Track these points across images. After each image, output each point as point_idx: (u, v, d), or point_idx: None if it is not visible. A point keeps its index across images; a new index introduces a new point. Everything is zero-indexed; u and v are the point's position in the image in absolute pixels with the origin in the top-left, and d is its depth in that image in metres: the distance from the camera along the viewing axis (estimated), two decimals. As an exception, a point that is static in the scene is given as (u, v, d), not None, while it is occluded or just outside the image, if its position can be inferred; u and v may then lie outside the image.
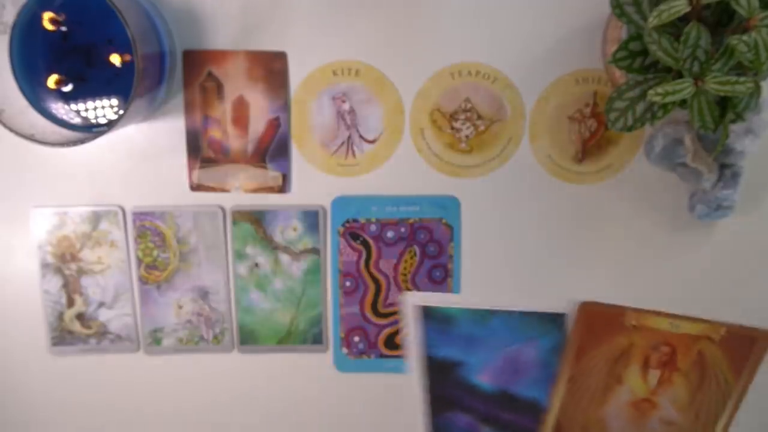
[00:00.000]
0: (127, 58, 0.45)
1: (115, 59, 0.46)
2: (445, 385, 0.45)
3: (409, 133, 0.52)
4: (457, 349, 0.45)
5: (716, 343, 0.44)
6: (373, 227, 0.53)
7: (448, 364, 0.45)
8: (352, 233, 0.53)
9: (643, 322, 0.44)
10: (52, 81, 0.46)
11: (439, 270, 0.54)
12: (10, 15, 0.45)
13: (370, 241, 0.53)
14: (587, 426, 0.46)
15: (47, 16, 0.45)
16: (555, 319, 0.44)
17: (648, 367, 0.44)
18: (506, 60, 0.50)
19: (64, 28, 0.46)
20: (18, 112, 0.45)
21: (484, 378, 0.45)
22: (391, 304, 0.55)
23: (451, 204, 0.53)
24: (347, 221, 0.53)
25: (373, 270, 0.54)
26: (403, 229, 0.53)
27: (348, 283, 0.54)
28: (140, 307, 0.55)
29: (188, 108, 0.51)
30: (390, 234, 0.53)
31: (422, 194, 0.53)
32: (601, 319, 0.44)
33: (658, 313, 0.44)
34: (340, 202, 0.53)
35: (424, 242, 0.53)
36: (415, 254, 0.54)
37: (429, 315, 0.45)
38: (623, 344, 0.44)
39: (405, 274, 0.54)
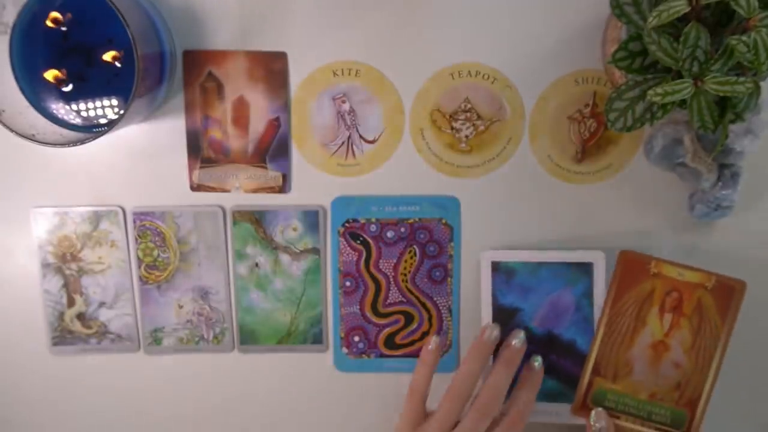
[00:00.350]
0: (121, 53, 0.45)
1: (109, 56, 0.46)
2: (507, 330, 0.52)
3: (409, 133, 0.52)
4: (517, 297, 0.52)
5: (709, 291, 0.49)
6: (373, 227, 0.53)
7: (511, 310, 0.52)
8: (352, 233, 0.53)
9: (661, 270, 0.49)
10: (50, 75, 0.46)
11: (438, 270, 0.54)
12: (10, 15, 0.45)
13: (370, 241, 0.53)
14: (617, 367, 0.50)
15: (52, 16, 0.45)
16: (585, 267, 0.51)
17: (663, 311, 0.50)
18: (506, 60, 0.50)
19: (64, 28, 0.46)
20: (18, 112, 0.45)
21: (535, 322, 0.52)
22: (391, 304, 0.55)
23: (450, 204, 0.53)
24: (347, 221, 0.53)
25: (373, 270, 0.54)
26: (403, 229, 0.53)
27: (348, 283, 0.54)
28: (140, 306, 0.55)
29: (188, 108, 0.51)
30: (390, 234, 0.53)
31: (422, 194, 0.53)
32: (634, 266, 0.50)
33: (671, 263, 0.49)
34: (340, 202, 0.53)
35: (424, 242, 0.53)
36: (415, 254, 0.54)
37: (497, 268, 0.51)
38: (647, 289, 0.49)
39: (405, 274, 0.54)
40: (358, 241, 0.53)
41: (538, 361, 0.50)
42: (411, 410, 0.49)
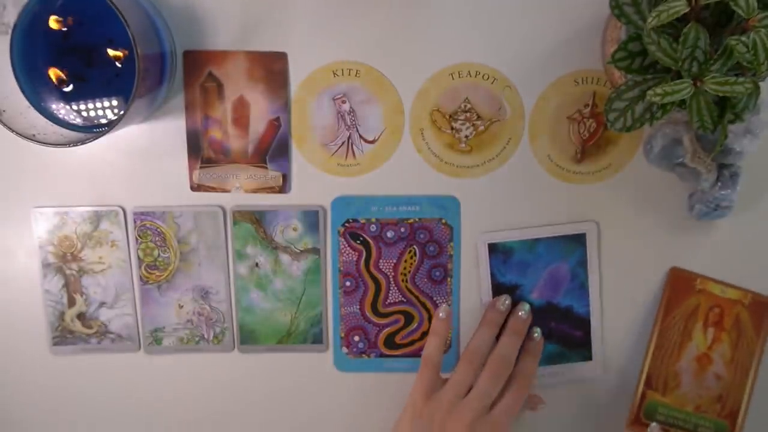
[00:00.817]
0: (126, 53, 0.45)
1: (114, 53, 0.46)
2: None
3: (409, 134, 0.52)
4: (515, 274, 0.53)
5: (746, 307, 0.52)
6: (373, 227, 0.53)
7: (510, 287, 0.54)
8: (352, 233, 0.53)
9: (705, 287, 0.52)
10: (53, 73, 0.46)
11: (438, 270, 0.54)
12: (11, 15, 0.45)
13: (370, 241, 0.54)
14: (667, 379, 0.53)
15: (53, 19, 0.45)
16: (579, 238, 0.53)
17: (707, 326, 0.52)
18: (506, 60, 0.50)
19: (64, 28, 0.46)
20: (19, 112, 0.45)
21: (534, 295, 0.54)
22: (391, 304, 0.55)
23: (450, 204, 0.53)
24: (347, 221, 0.53)
25: (373, 270, 0.54)
26: (402, 229, 0.53)
27: (348, 283, 0.54)
28: (141, 306, 0.55)
29: (189, 108, 0.51)
30: (390, 234, 0.53)
31: (422, 194, 0.53)
32: (682, 282, 0.52)
33: (714, 280, 0.52)
34: (340, 202, 0.53)
35: (424, 242, 0.53)
36: (414, 254, 0.54)
37: (494, 249, 0.53)
38: (693, 305, 0.52)
39: (405, 274, 0.54)
40: (358, 241, 0.53)
41: (537, 332, 0.53)
42: (426, 379, 0.51)
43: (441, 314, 0.53)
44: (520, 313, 0.52)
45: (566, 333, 0.54)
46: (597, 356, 0.54)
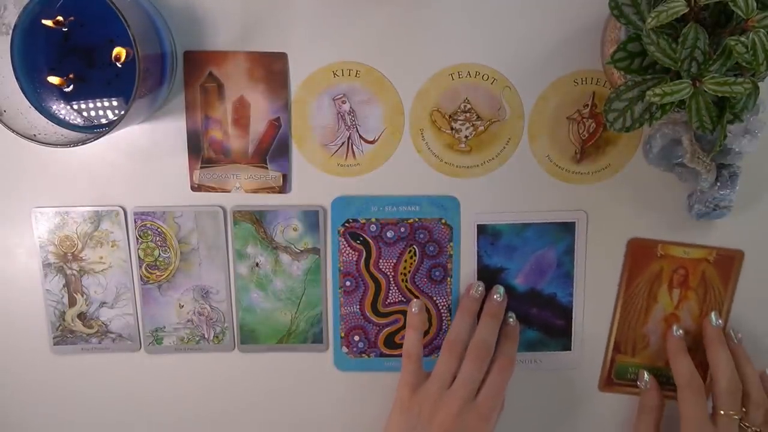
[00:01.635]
0: (129, 52, 0.45)
1: (119, 50, 0.46)
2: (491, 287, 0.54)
3: (409, 134, 0.52)
4: (502, 257, 0.54)
5: (711, 263, 0.53)
6: (373, 227, 0.53)
7: (496, 270, 0.54)
8: (352, 233, 0.53)
9: (667, 251, 0.53)
10: (54, 80, 0.46)
11: (438, 270, 0.54)
12: (11, 16, 0.45)
13: (370, 241, 0.54)
14: (635, 341, 0.55)
15: (54, 18, 0.45)
16: (568, 226, 0.53)
17: (672, 287, 0.54)
18: (505, 61, 0.50)
19: (65, 29, 0.46)
20: (19, 112, 0.45)
21: (519, 280, 0.54)
22: (391, 304, 0.55)
23: (450, 204, 0.53)
24: (347, 221, 0.53)
25: (372, 270, 0.54)
26: (402, 229, 0.53)
27: (348, 283, 0.54)
28: (141, 306, 0.55)
29: (189, 108, 0.51)
30: (390, 234, 0.53)
31: (422, 194, 0.53)
32: (642, 251, 0.53)
33: (676, 243, 0.53)
34: (340, 202, 0.53)
35: (424, 242, 0.54)
36: (414, 254, 0.54)
37: (483, 231, 0.53)
38: (656, 270, 0.54)
39: (405, 274, 0.54)
40: (358, 241, 0.54)
41: (512, 317, 0.54)
42: (410, 373, 0.52)
43: (414, 309, 0.54)
44: (495, 296, 0.53)
45: (548, 321, 0.55)
46: (576, 347, 0.55)
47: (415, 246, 0.54)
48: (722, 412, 0.50)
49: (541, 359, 0.55)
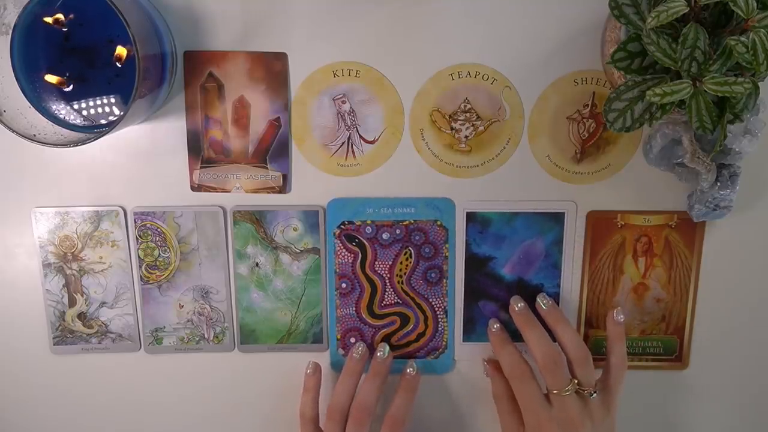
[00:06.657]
0: (131, 51, 0.45)
1: (121, 49, 0.46)
2: (479, 277, 0.54)
3: (409, 134, 0.52)
4: (490, 246, 0.54)
5: (674, 228, 0.53)
6: (368, 229, 0.53)
7: (483, 259, 0.54)
8: (348, 235, 0.53)
9: (627, 221, 0.53)
10: (53, 80, 0.46)
11: (434, 271, 0.54)
12: (11, 15, 0.45)
13: (366, 243, 0.54)
14: (606, 315, 0.54)
15: (54, 17, 0.45)
16: (557, 217, 0.53)
17: (637, 257, 0.54)
18: (505, 61, 0.50)
19: (65, 29, 0.46)
20: (19, 112, 0.45)
21: (506, 269, 0.54)
22: (387, 306, 0.55)
23: (445, 206, 0.53)
24: (343, 223, 0.53)
25: (368, 271, 0.54)
26: (398, 231, 0.53)
27: (344, 285, 0.54)
28: (141, 306, 0.55)
29: (189, 108, 0.51)
30: (385, 236, 0.53)
31: (422, 194, 0.53)
32: (602, 223, 0.53)
33: (636, 211, 0.53)
34: (335, 205, 0.53)
35: (420, 244, 0.54)
36: (410, 256, 0.54)
37: (472, 218, 0.53)
38: (619, 241, 0.53)
39: (400, 276, 0.54)
40: (354, 243, 0.54)
41: (412, 368, 0.54)
42: None
43: (308, 371, 0.53)
44: (378, 354, 0.53)
45: (534, 312, 0.54)
46: None
47: (410, 248, 0.54)
48: (554, 391, 0.49)
49: (524, 349, 0.54)
